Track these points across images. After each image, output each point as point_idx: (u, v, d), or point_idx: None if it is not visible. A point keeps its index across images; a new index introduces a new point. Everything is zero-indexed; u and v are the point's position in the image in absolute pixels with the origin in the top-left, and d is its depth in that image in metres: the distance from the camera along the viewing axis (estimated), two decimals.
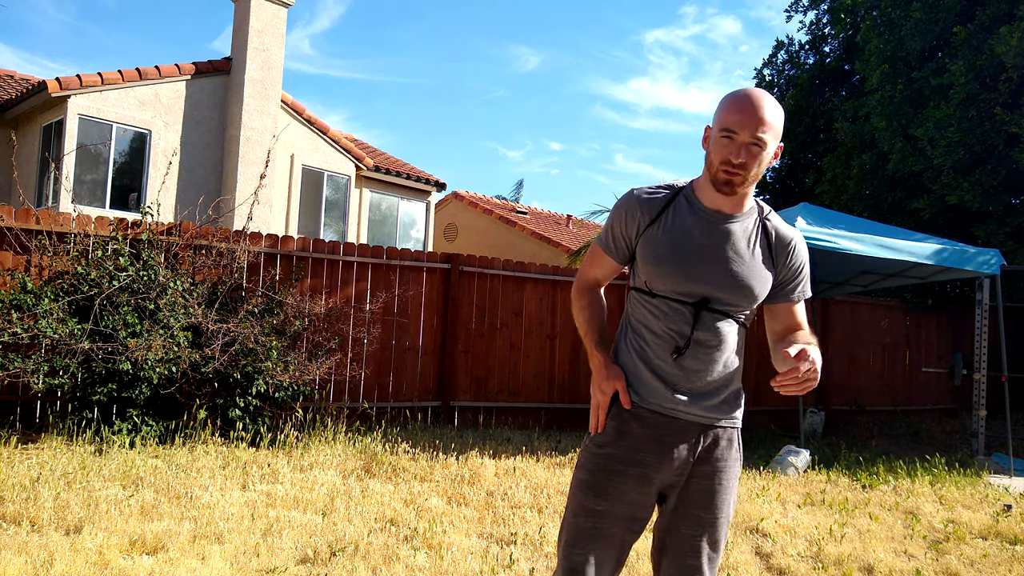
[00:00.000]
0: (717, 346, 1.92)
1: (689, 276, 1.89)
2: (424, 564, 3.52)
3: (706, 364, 1.91)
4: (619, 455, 1.92)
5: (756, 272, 1.92)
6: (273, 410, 6.11)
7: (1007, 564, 4.17)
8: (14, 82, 12.96)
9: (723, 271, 1.90)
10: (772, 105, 1.84)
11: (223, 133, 12.19)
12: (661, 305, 1.92)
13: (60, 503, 3.86)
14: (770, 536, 4.35)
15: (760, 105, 1.81)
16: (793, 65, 14.71)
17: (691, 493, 1.94)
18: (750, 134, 1.81)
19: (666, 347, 1.91)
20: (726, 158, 1.83)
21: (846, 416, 10.17)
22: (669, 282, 1.90)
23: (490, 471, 5.35)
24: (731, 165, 1.83)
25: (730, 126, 1.82)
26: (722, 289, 1.90)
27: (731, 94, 1.88)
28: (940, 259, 7.37)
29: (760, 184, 15.13)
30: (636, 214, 1.96)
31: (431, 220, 15.62)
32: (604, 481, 1.92)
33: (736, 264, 1.90)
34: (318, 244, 7.36)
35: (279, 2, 12.52)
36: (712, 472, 1.95)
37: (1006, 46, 9.01)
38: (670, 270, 1.90)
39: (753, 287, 1.92)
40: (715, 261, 1.90)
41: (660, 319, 1.92)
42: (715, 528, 1.94)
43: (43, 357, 5.47)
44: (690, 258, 1.90)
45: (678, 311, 1.90)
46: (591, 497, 1.93)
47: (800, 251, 2.01)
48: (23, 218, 5.99)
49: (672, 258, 1.90)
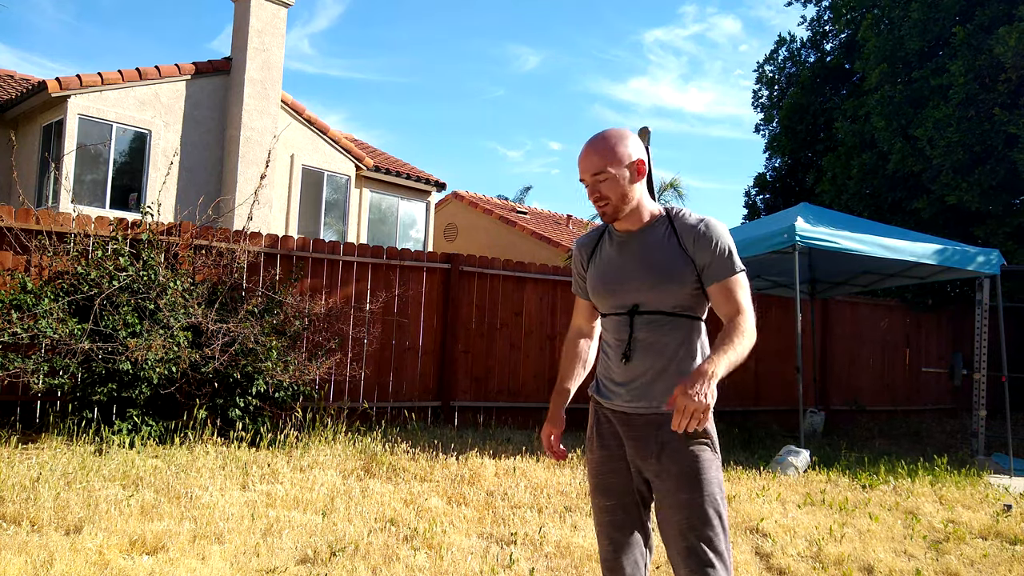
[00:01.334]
0: (657, 343, 2.12)
1: (614, 292, 2.17)
2: (424, 564, 3.52)
3: (654, 361, 2.12)
4: (609, 455, 2.22)
5: (669, 267, 2.10)
6: (273, 410, 6.11)
7: (1007, 564, 4.17)
8: (14, 82, 12.96)
9: (639, 278, 2.13)
10: (595, 142, 2.11)
11: (223, 133, 12.19)
12: (608, 322, 2.22)
13: (60, 503, 3.86)
14: (770, 536, 4.35)
15: (584, 150, 2.12)
16: (794, 63, 14.70)
17: (671, 480, 2.08)
18: (587, 176, 2.12)
19: (618, 354, 2.17)
20: (590, 199, 2.15)
21: (846, 416, 10.17)
22: (604, 303, 2.21)
23: (490, 471, 5.35)
24: (595, 203, 2.14)
25: (579, 176, 2.15)
26: (644, 293, 2.12)
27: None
28: (940, 259, 7.37)
29: (760, 183, 15.12)
30: (579, 259, 2.33)
31: (431, 220, 15.62)
32: (604, 483, 2.22)
33: (650, 268, 2.13)
34: (318, 244, 7.36)
35: (279, 2, 12.52)
36: (677, 458, 2.08)
37: (1004, 46, 9.01)
38: (600, 292, 2.21)
39: (670, 275, 2.09)
40: (632, 272, 2.15)
41: (610, 331, 2.21)
42: (702, 506, 2.03)
43: (43, 357, 5.47)
44: (611, 278, 2.19)
45: (618, 322, 2.17)
46: (598, 496, 2.23)
47: (709, 232, 2.10)
48: (23, 218, 5.99)
49: (600, 283, 2.21)
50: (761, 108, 15.18)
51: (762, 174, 15.14)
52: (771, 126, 14.91)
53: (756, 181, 15.19)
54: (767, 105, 15.00)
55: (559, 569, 3.65)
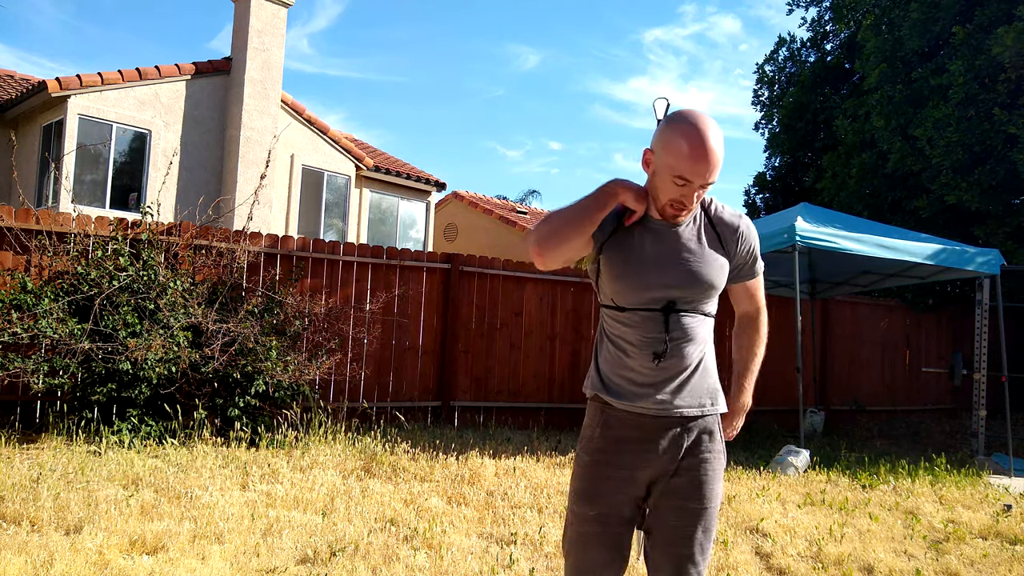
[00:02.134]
0: (690, 342, 1.99)
1: (648, 286, 1.96)
2: (424, 564, 3.52)
3: (682, 361, 1.98)
4: (608, 461, 2.02)
5: (711, 265, 1.99)
6: (273, 410, 6.10)
7: (1007, 564, 4.17)
8: (14, 82, 12.96)
9: (680, 273, 1.96)
10: (718, 142, 1.85)
11: (223, 133, 12.19)
12: (632, 317, 1.98)
13: (60, 503, 3.86)
14: (770, 536, 4.35)
15: (712, 151, 1.82)
16: (794, 62, 14.71)
17: (678, 486, 2.00)
18: (702, 181, 1.85)
19: (645, 354, 1.97)
20: (678, 200, 1.90)
21: (846, 416, 10.17)
22: (632, 295, 1.98)
23: (490, 471, 5.35)
24: (683, 207, 1.91)
25: (685, 175, 1.85)
26: (683, 290, 1.96)
27: (681, 131, 1.85)
28: (940, 259, 7.37)
29: (760, 182, 15.13)
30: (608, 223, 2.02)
31: (431, 220, 15.62)
32: (595, 489, 2.02)
33: (691, 263, 1.97)
34: (318, 244, 7.36)
35: (279, 2, 12.52)
36: (697, 464, 2.01)
37: (1002, 46, 9.02)
38: (630, 283, 1.97)
39: (713, 281, 1.99)
40: (670, 266, 1.97)
41: (635, 329, 1.98)
42: (705, 517, 2.00)
43: (43, 357, 5.47)
44: (646, 269, 1.97)
45: (649, 318, 1.96)
46: (584, 504, 2.02)
47: (748, 232, 2.07)
48: (23, 218, 5.99)
49: (629, 272, 1.97)
50: (761, 107, 15.19)
51: (762, 173, 15.15)
52: (771, 125, 14.93)
53: (756, 180, 15.20)
54: (767, 104, 15.01)
55: (559, 569, 3.65)
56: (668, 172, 1.86)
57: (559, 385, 8.45)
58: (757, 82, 15.24)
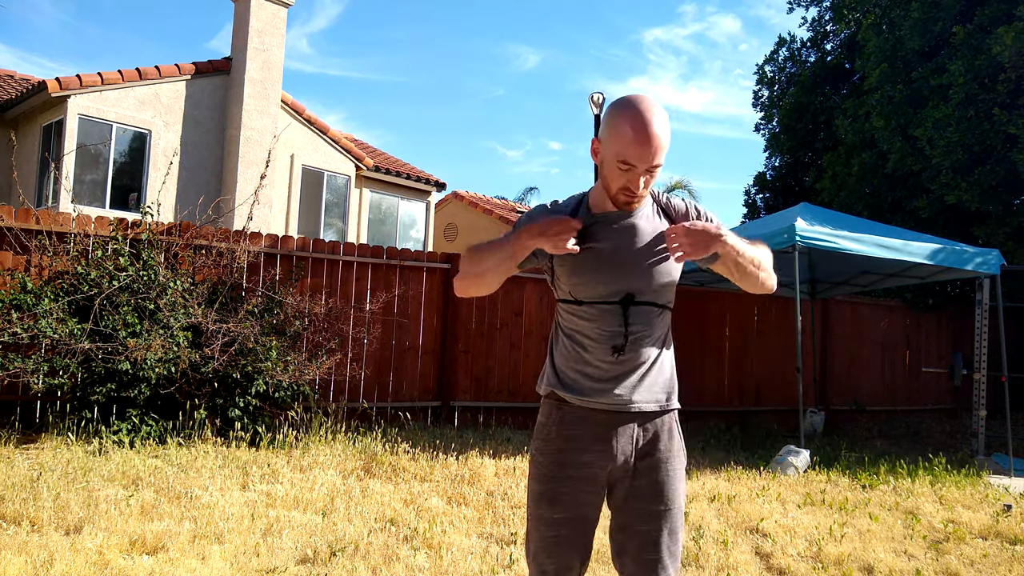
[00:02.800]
0: (649, 336, 1.97)
1: (607, 280, 1.95)
2: (424, 564, 3.52)
3: (640, 355, 1.96)
4: (564, 460, 1.98)
5: (669, 256, 1.96)
6: (273, 410, 6.10)
7: (1007, 564, 4.17)
8: (14, 82, 12.96)
9: (638, 267, 1.96)
10: (663, 125, 1.82)
11: (223, 133, 12.19)
12: (590, 310, 1.96)
13: (60, 503, 3.86)
14: (770, 536, 4.35)
15: (656, 135, 1.80)
16: (794, 62, 14.71)
17: (639, 489, 1.97)
18: (647, 165, 1.84)
19: (604, 347, 1.95)
20: (626, 186, 1.88)
21: (846, 416, 10.17)
22: (590, 289, 1.96)
23: (490, 471, 5.35)
24: (631, 193, 1.89)
25: (628, 159, 1.83)
26: (641, 283, 1.96)
27: (624, 117, 1.83)
28: (940, 259, 7.36)
29: (760, 182, 15.13)
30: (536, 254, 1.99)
31: (431, 220, 15.62)
32: (555, 491, 1.98)
33: (648, 256, 1.96)
34: (318, 244, 7.36)
35: (279, 2, 12.52)
36: (656, 464, 1.98)
37: (1001, 46, 9.01)
38: (589, 278, 1.95)
39: (671, 271, 1.98)
40: (628, 259, 1.96)
41: (593, 323, 1.96)
42: (670, 518, 1.97)
43: (43, 357, 5.47)
44: (604, 263, 1.95)
45: (607, 311, 1.95)
46: (546, 507, 1.98)
47: (699, 210, 2.05)
48: (23, 218, 5.99)
49: (588, 267, 1.95)
50: (761, 107, 15.19)
51: (762, 173, 15.15)
52: (771, 125, 14.93)
53: (756, 180, 15.20)
54: (767, 104, 15.01)
55: None
56: (614, 158, 1.85)
57: None
58: (757, 83, 15.24)
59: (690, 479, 5.74)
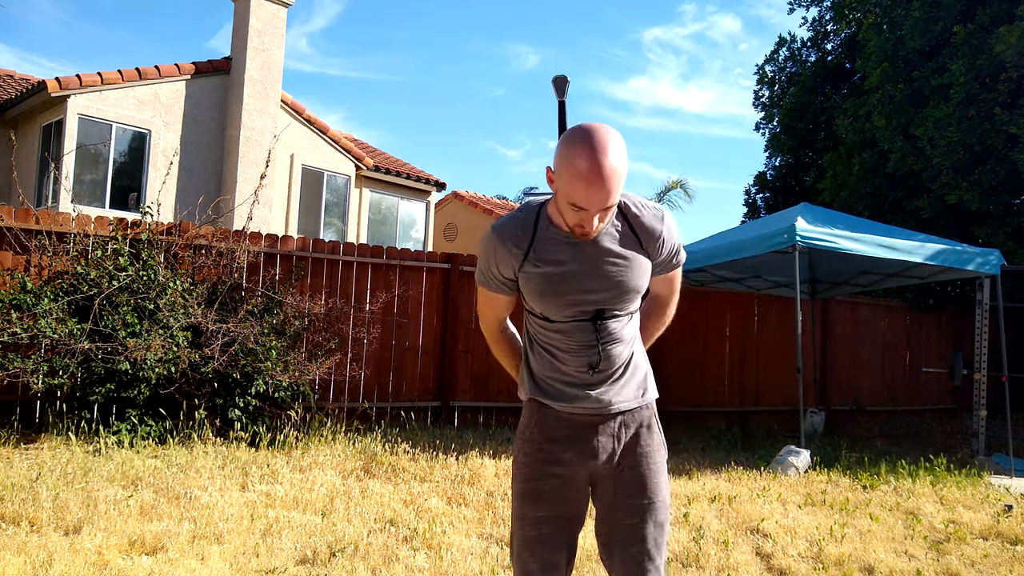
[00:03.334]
0: (619, 343, 1.99)
1: (575, 301, 1.92)
2: (424, 564, 3.51)
3: (614, 362, 1.98)
4: (546, 459, 2.00)
5: (635, 271, 1.94)
6: (272, 410, 6.10)
7: (1008, 564, 4.16)
8: (14, 82, 12.96)
9: (604, 285, 1.92)
10: (617, 164, 1.73)
11: (223, 133, 12.19)
12: (561, 326, 1.96)
13: (59, 503, 3.85)
14: (771, 536, 4.35)
15: (608, 178, 1.71)
16: (795, 62, 14.70)
17: (623, 484, 1.99)
18: (600, 208, 1.76)
19: (578, 359, 1.97)
20: (579, 224, 1.81)
21: (846, 416, 10.16)
22: (557, 310, 1.94)
23: (490, 471, 5.35)
24: (585, 232, 1.84)
25: (579, 203, 1.75)
26: (609, 299, 1.94)
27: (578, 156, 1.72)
28: (940, 259, 7.36)
29: (760, 182, 15.12)
30: (508, 255, 1.93)
31: (431, 220, 15.61)
32: (537, 489, 2.00)
33: (614, 273, 1.92)
34: (318, 244, 7.35)
35: (279, 2, 12.52)
36: (638, 460, 2.00)
37: (1005, 44, 9.01)
38: (556, 301, 1.93)
39: (638, 286, 1.96)
40: (595, 277, 1.91)
41: (565, 336, 1.97)
42: (654, 511, 1.98)
43: (42, 357, 5.47)
44: (568, 285, 1.91)
45: (579, 327, 1.95)
46: (530, 506, 2.00)
47: (670, 234, 1.99)
48: (23, 218, 5.98)
49: (552, 290, 1.92)
50: (762, 107, 15.19)
51: (762, 173, 15.15)
52: (771, 125, 14.92)
53: (756, 180, 15.20)
54: (767, 104, 15.01)
55: None
56: (565, 198, 1.78)
57: None
58: (757, 83, 15.24)
59: (690, 479, 5.74)
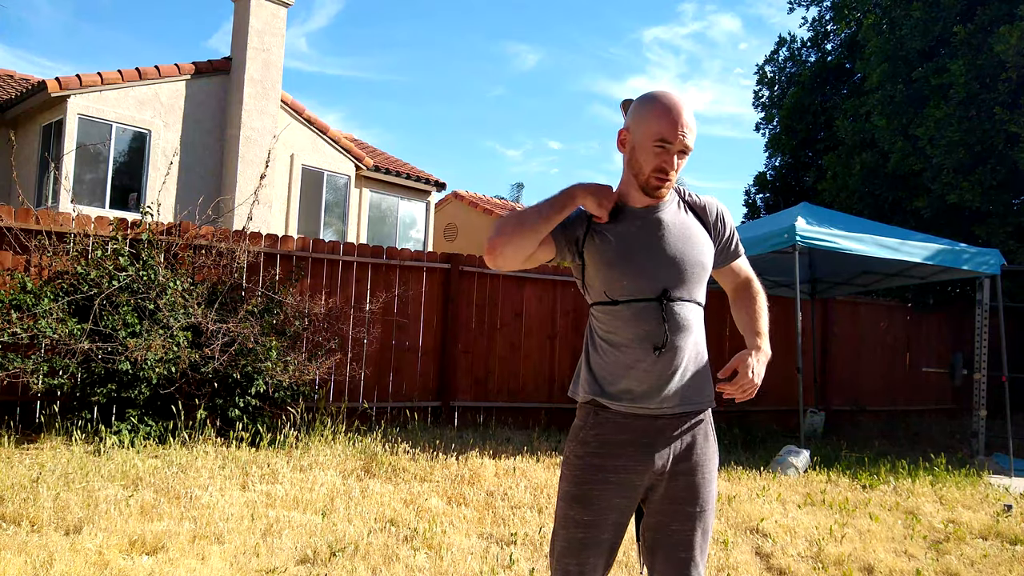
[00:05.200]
0: (687, 332, 1.96)
1: (641, 274, 1.94)
2: (424, 564, 3.52)
3: (680, 353, 1.95)
4: (600, 464, 1.97)
5: (698, 245, 2.00)
6: (273, 410, 6.10)
7: (1007, 564, 4.17)
8: (13, 82, 12.96)
9: (671, 260, 1.96)
10: (691, 109, 1.92)
11: (223, 133, 12.19)
12: (625, 310, 1.94)
13: (60, 503, 3.86)
14: (770, 536, 4.35)
15: (688, 112, 1.89)
16: (795, 62, 14.71)
17: (676, 490, 1.98)
18: (682, 143, 1.89)
19: (643, 348, 1.93)
20: (660, 167, 1.91)
21: (846, 416, 10.17)
22: (625, 285, 1.95)
23: (490, 471, 5.35)
24: (665, 174, 1.92)
25: (664, 135, 1.88)
26: (676, 276, 1.96)
27: (656, 102, 1.92)
28: (940, 259, 7.36)
29: (760, 182, 15.13)
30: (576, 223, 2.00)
31: (431, 220, 15.61)
32: (588, 492, 1.97)
33: (679, 250, 1.97)
34: (318, 244, 7.36)
35: (279, 2, 12.52)
36: (693, 468, 1.99)
37: (1005, 44, 9.01)
38: (621, 271, 1.95)
39: (702, 259, 2.01)
40: (658, 250, 1.96)
41: (630, 323, 1.94)
42: (704, 519, 2.00)
43: (43, 357, 5.47)
44: (635, 255, 1.95)
45: (644, 309, 1.93)
46: (578, 508, 1.98)
47: (726, 214, 2.12)
48: (23, 218, 5.99)
49: (619, 260, 1.95)
50: (762, 107, 15.19)
51: (762, 173, 15.15)
52: (771, 125, 14.93)
53: (756, 180, 15.20)
54: (768, 104, 15.01)
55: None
56: (647, 139, 1.90)
57: (559, 385, 8.45)
58: (757, 83, 15.24)
59: None
